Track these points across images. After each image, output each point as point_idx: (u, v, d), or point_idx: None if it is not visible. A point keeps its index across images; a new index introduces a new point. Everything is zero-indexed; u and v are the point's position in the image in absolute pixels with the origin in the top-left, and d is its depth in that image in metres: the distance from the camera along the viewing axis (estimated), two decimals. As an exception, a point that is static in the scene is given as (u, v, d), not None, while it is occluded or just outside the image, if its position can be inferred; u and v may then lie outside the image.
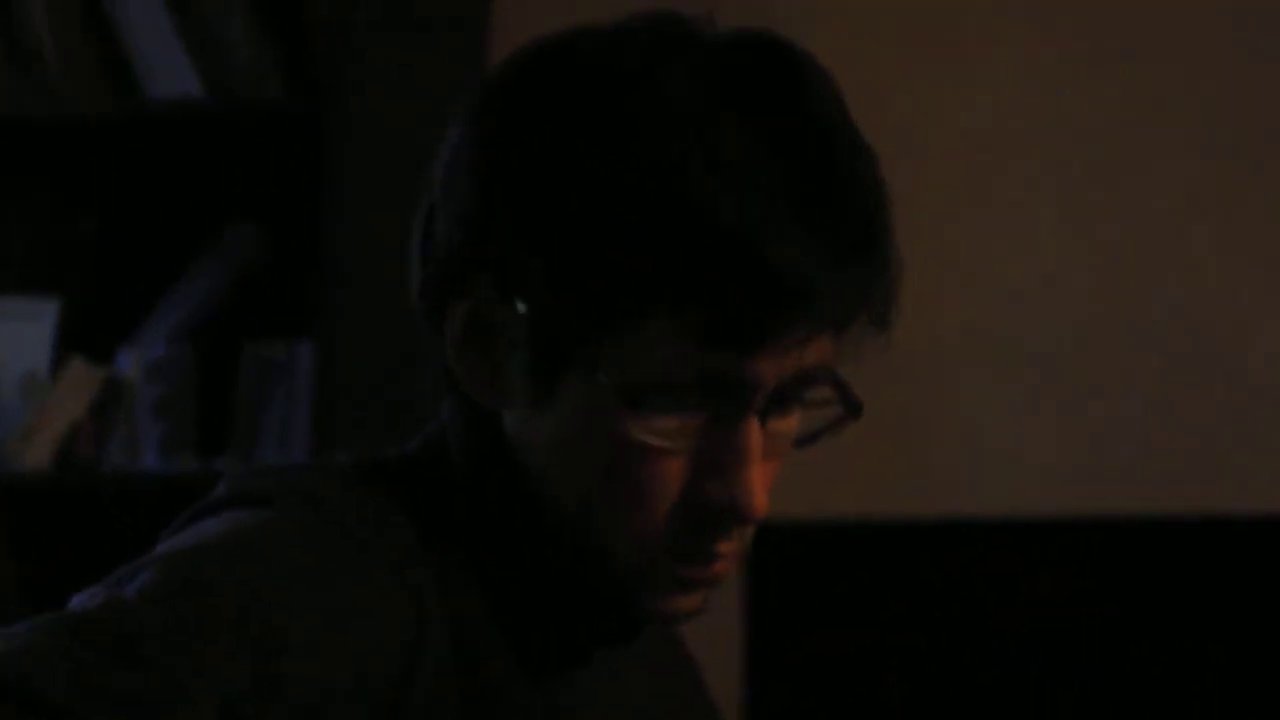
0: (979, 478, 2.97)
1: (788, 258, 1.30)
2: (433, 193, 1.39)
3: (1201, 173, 3.07)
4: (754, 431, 1.34)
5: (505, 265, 1.35)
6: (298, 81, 2.83)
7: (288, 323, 2.80)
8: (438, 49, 2.90)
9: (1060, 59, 3.09)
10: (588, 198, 1.33)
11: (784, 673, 2.73)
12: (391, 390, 2.36)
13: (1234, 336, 3.04)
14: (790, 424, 1.37)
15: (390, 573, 1.33)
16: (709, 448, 1.34)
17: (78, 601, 1.27)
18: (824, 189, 1.33)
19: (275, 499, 1.35)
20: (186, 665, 1.23)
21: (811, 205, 1.32)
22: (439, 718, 1.34)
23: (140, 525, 1.42)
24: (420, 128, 1.52)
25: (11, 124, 2.89)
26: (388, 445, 1.44)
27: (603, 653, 1.43)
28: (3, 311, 2.91)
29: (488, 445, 1.39)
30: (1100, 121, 3.05)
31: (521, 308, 1.34)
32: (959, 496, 2.96)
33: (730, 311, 1.31)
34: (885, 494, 2.93)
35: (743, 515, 1.34)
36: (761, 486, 1.34)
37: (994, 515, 2.87)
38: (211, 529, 1.34)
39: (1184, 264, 3.03)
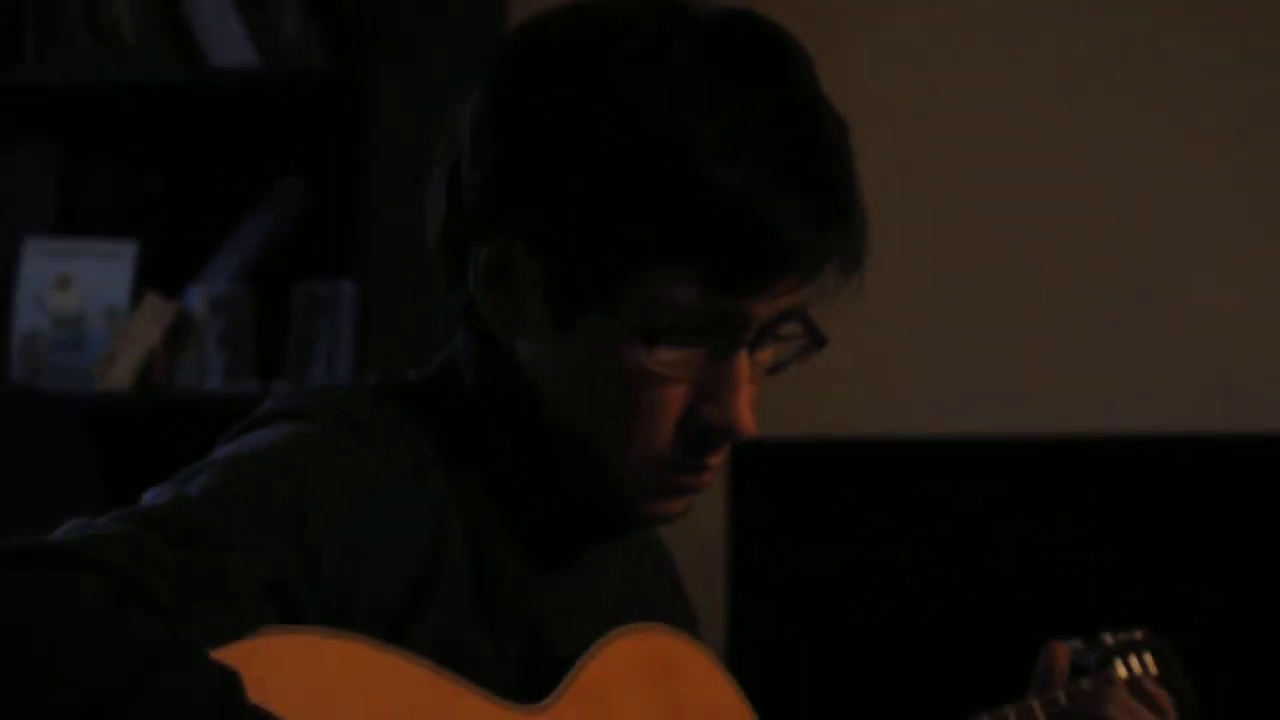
0: (945, 401, 2.89)
1: (782, 220, 1.33)
2: (456, 149, 1.39)
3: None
4: (745, 362, 1.38)
5: (528, 218, 1.36)
6: (338, 50, 2.84)
7: (332, 263, 2.84)
8: (459, 16, 2.88)
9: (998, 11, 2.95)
10: (603, 162, 1.33)
11: (764, 579, 2.63)
12: (419, 321, 2.43)
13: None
14: (767, 355, 1.40)
15: (412, 477, 1.37)
16: (707, 377, 1.37)
17: (149, 496, 1.31)
18: (810, 158, 1.35)
19: (314, 414, 1.38)
20: (240, 552, 1.27)
21: (800, 173, 1.34)
22: (456, 600, 1.38)
23: (205, 438, 1.40)
24: (444, 90, 1.52)
25: (95, 90, 2.90)
26: (413, 369, 1.47)
27: (594, 547, 1.47)
28: (88, 252, 2.90)
29: (497, 370, 1.41)
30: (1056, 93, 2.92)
31: (541, 256, 1.35)
32: (927, 417, 2.87)
33: (733, 264, 1.33)
34: (853, 415, 2.85)
35: (737, 433, 1.37)
36: (750, 408, 1.38)
37: (955, 434, 2.77)
38: (260, 439, 1.37)
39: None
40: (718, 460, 1.41)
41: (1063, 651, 1.70)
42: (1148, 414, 2.84)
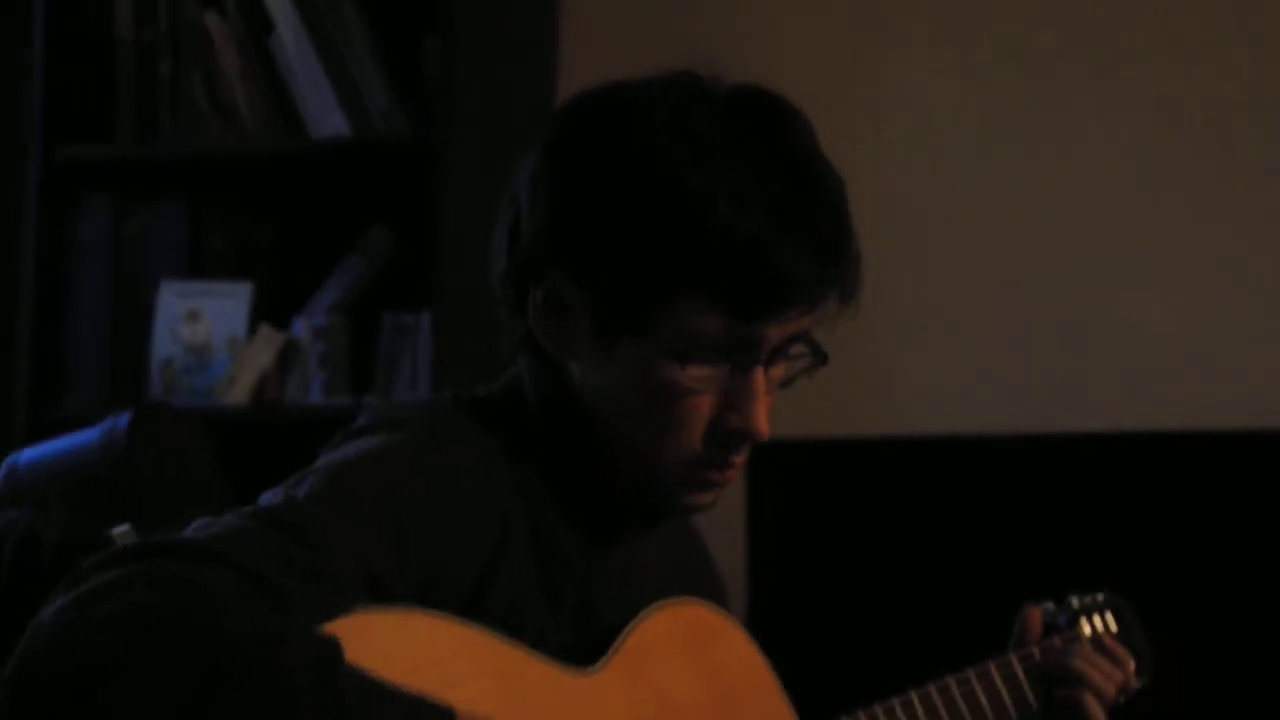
0: (947, 400, 2.81)
1: (789, 260, 1.35)
2: (515, 204, 1.40)
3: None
4: (761, 377, 1.39)
5: (577, 260, 1.37)
6: (417, 118, 2.82)
7: (413, 298, 2.80)
8: (518, 90, 2.89)
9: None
10: (643, 214, 1.35)
11: (779, 564, 2.59)
12: (484, 346, 2.42)
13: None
14: (779, 371, 1.42)
15: (483, 477, 1.39)
16: (729, 390, 1.39)
17: (265, 498, 1.33)
18: (810, 210, 1.36)
19: (401, 426, 1.40)
20: (341, 546, 1.28)
21: (803, 222, 1.36)
22: (522, 579, 1.40)
23: (310, 445, 1.43)
24: (505, 151, 1.53)
25: (217, 158, 2.91)
26: (482, 385, 1.49)
27: (637, 533, 1.49)
28: (213, 292, 2.89)
29: (553, 387, 1.42)
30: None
31: (589, 291, 1.37)
32: (931, 417, 2.79)
33: (750, 296, 1.35)
34: (857, 417, 2.78)
35: (755, 436, 1.39)
36: (765, 416, 1.40)
37: (960, 432, 2.67)
38: (356, 448, 1.38)
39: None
40: (740, 459, 1.43)
41: (1036, 614, 1.68)
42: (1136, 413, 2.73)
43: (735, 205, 1.34)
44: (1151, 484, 2.53)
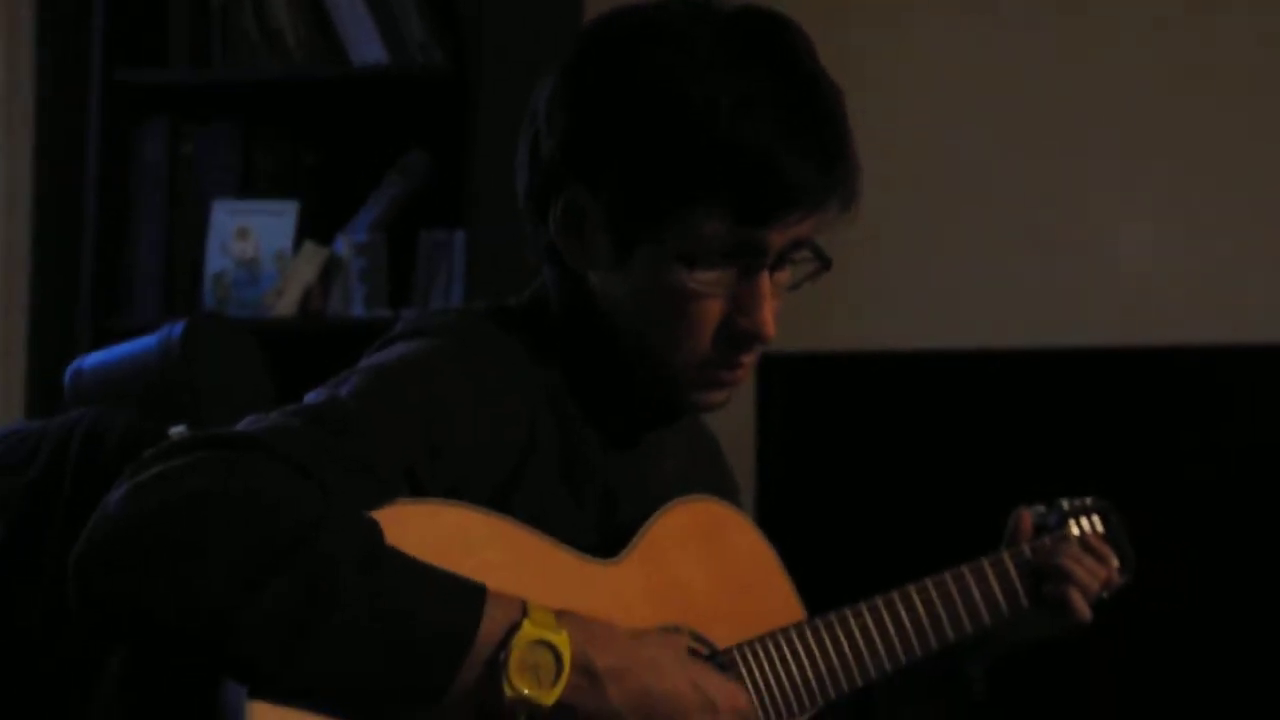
0: (944, 315, 2.81)
1: (789, 167, 1.34)
2: (535, 124, 1.40)
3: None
4: (766, 281, 1.38)
5: (592, 172, 1.37)
6: (450, 50, 2.82)
7: (447, 217, 2.79)
8: (545, 23, 2.86)
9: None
10: (651, 126, 1.34)
11: (785, 467, 2.57)
12: (513, 261, 2.42)
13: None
14: (785, 276, 1.41)
15: (511, 380, 1.40)
16: (737, 294, 1.38)
17: (310, 397, 1.33)
18: (813, 118, 1.36)
19: (435, 332, 1.40)
20: (380, 440, 1.28)
21: (805, 130, 1.35)
22: (547, 475, 1.40)
23: (350, 352, 1.43)
24: (532, 81, 1.53)
25: (265, 84, 2.88)
26: (512, 296, 1.49)
27: (653, 433, 1.50)
28: (261, 210, 2.87)
29: (575, 296, 1.42)
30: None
31: (604, 201, 1.36)
32: (930, 332, 2.78)
33: (752, 202, 1.34)
34: (856, 331, 2.78)
35: (762, 338, 1.39)
36: (772, 318, 1.39)
37: (957, 347, 2.68)
38: (395, 352, 1.38)
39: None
40: (749, 360, 1.42)
41: (1027, 515, 1.68)
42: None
43: (739, 115, 1.33)
44: (1136, 395, 2.51)
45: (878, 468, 2.58)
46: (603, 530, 1.43)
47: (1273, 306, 2.71)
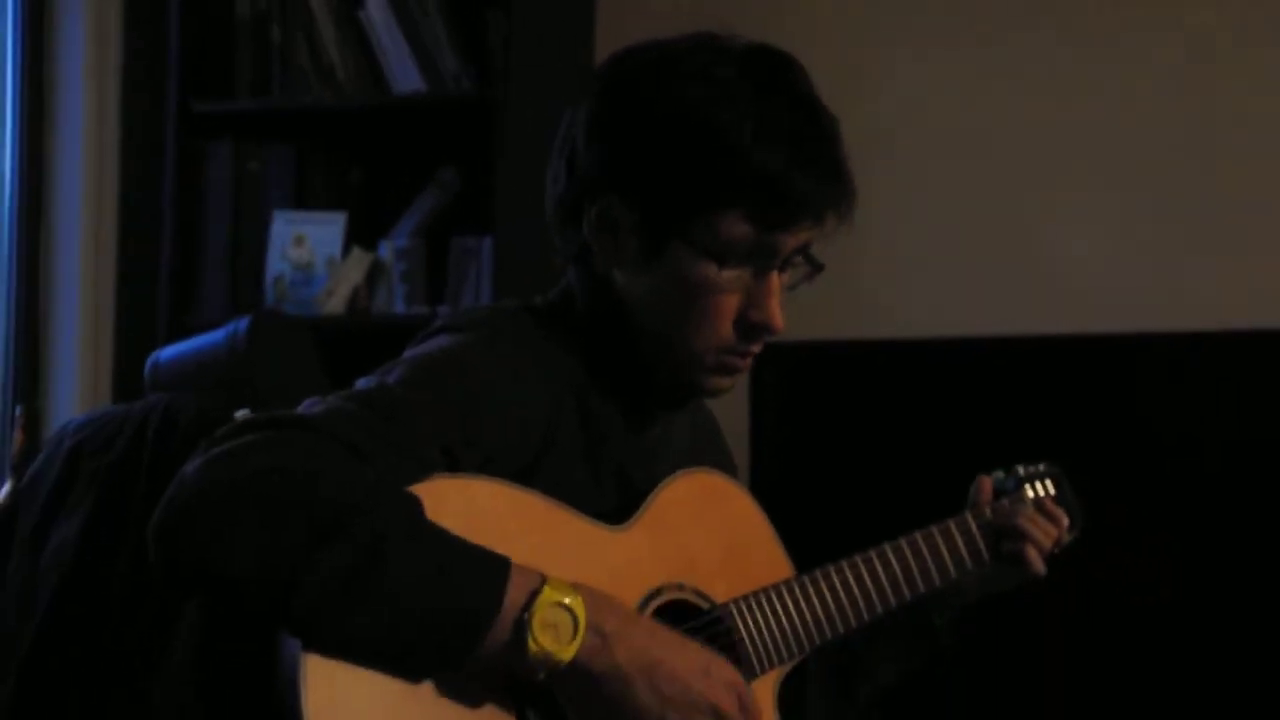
0: (924, 307, 2.76)
1: (802, 185, 1.36)
2: (571, 141, 1.41)
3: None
4: (776, 279, 1.40)
5: (627, 185, 1.37)
6: (480, 78, 2.77)
7: (477, 225, 2.76)
8: (562, 56, 2.86)
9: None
10: (684, 147, 1.35)
11: (777, 448, 2.52)
12: (537, 264, 2.41)
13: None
14: (787, 277, 1.43)
15: (540, 369, 1.39)
16: (751, 290, 1.39)
17: (360, 383, 1.34)
18: (819, 145, 1.38)
19: (471, 327, 1.40)
20: (422, 424, 1.29)
21: (813, 156, 1.37)
22: (570, 453, 1.40)
23: (393, 346, 1.43)
24: (552, 105, 1.52)
25: (318, 110, 2.87)
26: (538, 295, 1.48)
27: (664, 415, 1.49)
28: (314, 220, 2.84)
29: (600, 294, 1.43)
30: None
31: (638, 209, 1.37)
32: (910, 322, 2.72)
33: (770, 212, 1.36)
34: (845, 322, 2.69)
35: (772, 328, 1.40)
36: (780, 312, 1.40)
37: (935, 335, 2.61)
38: (435, 345, 1.39)
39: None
40: (757, 349, 1.42)
41: (987, 482, 1.67)
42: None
43: (760, 140, 1.35)
44: (1089, 378, 2.48)
45: (861, 446, 2.56)
46: (617, 501, 1.42)
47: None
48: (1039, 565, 1.62)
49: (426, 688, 1.23)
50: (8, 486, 1.63)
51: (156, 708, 1.36)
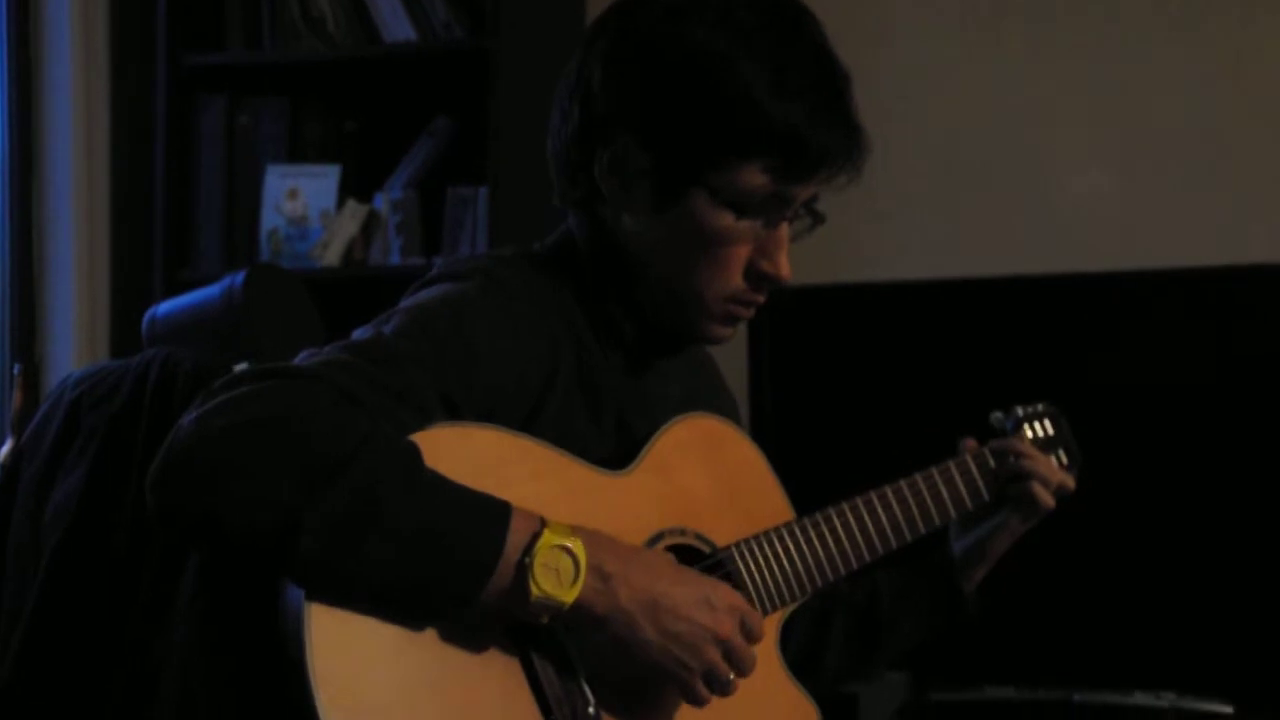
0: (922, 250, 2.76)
1: (818, 139, 1.36)
2: (585, 81, 1.38)
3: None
4: (786, 229, 1.41)
5: (643, 128, 1.36)
6: (472, 28, 2.77)
7: (472, 175, 2.75)
8: (552, 5, 2.82)
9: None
10: (703, 93, 1.34)
11: (775, 391, 2.50)
12: (532, 212, 2.41)
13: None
14: (793, 228, 1.43)
15: (539, 316, 1.38)
16: (762, 240, 1.40)
17: (357, 333, 1.33)
18: (835, 101, 1.38)
19: (468, 275, 1.39)
20: (420, 372, 1.29)
21: (831, 107, 1.37)
22: (570, 398, 1.39)
23: (389, 297, 1.41)
24: (545, 56, 1.50)
25: (310, 62, 2.85)
26: (536, 243, 1.47)
27: (663, 361, 1.50)
28: (308, 173, 2.83)
29: (605, 239, 1.42)
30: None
31: (653, 153, 1.35)
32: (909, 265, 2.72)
33: (792, 165, 1.37)
34: (839, 267, 2.67)
35: (781, 280, 1.41)
36: (788, 262, 1.41)
37: (934, 277, 2.58)
38: (432, 293, 1.38)
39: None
40: (762, 299, 1.42)
41: (972, 443, 1.67)
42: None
43: (783, 94, 1.34)
44: (1087, 317, 2.47)
45: (860, 391, 2.55)
46: (617, 446, 1.42)
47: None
48: (1048, 500, 1.64)
49: (431, 634, 1.23)
50: (9, 444, 1.63)
51: (159, 662, 1.37)
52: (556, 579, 1.23)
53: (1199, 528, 2.36)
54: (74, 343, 2.87)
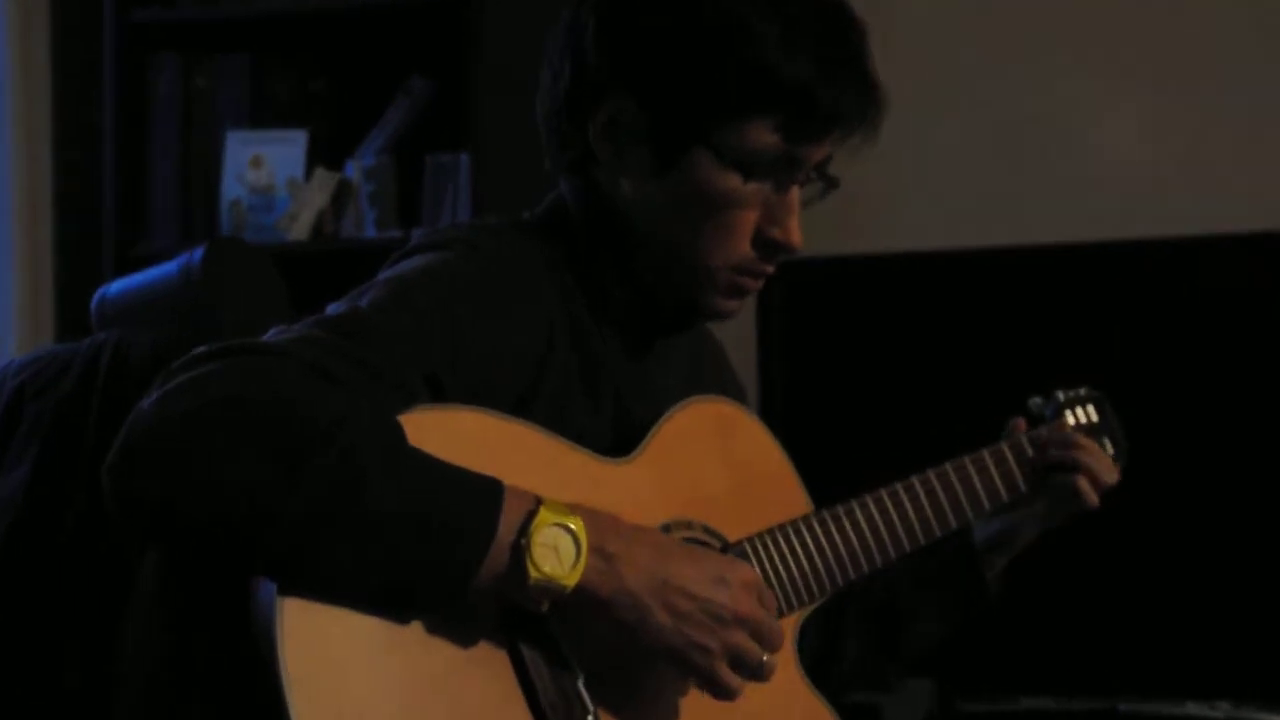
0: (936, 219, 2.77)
1: (831, 98, 1.36)
2: (578, 36, 1.38)
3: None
4: (797, 194, 1.40)
5: (642, 85, 1.36)
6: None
7: (452, 140, 2.74)
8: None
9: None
10: (707, 48, 1.34)
11: (783, 368, 2.51)
12: (517, 181, 2.40)
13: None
14: (804, 193, 1.42)
15: (531, 289, 1.37)
16: (771, 205, 1.39)
17: (331, 308, 1.32)
18: (846, 55, 1.38)
19: (449, 244, 1.37)
20: (399, 347, 1.27)
21: (839, 63, 1.37)
22: (565, 379, 1.38)
23: (363, 273, 1.40)
24: (531, 13, 1.50)
25: (276, 16, 2.82)
26: (525, 211, 1.46)
27: (665, 339, 1.48)
28: (273, 139, 2.82)
29: (600, 206, 1.41)
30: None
31: (652, 111, 1.36)
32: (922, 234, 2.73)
33: (800, 124, 1.37)
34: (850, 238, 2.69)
35: (792, 248, 1.40)
36: (800, 229, 1.40)
37: (948, 247, 2.59)
38: (412, 264, 1.36)
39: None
40: (770, 269, 1.42)
41: (1022, 422, 1.66)
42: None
43: (792, 49, 1.35)
44: (1118, 288, 2.45)
45: (879, 370, 2.54)
46: (617, 432, 1.41)
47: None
48: (1093, 498, 1.62)
49: (416, 632, 1.22)
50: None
51: (115, 663, 1.36)
52: (556, 560, 1.22)
53: (1253, 519, 2.37)
54: (14, 328, 2.87)
